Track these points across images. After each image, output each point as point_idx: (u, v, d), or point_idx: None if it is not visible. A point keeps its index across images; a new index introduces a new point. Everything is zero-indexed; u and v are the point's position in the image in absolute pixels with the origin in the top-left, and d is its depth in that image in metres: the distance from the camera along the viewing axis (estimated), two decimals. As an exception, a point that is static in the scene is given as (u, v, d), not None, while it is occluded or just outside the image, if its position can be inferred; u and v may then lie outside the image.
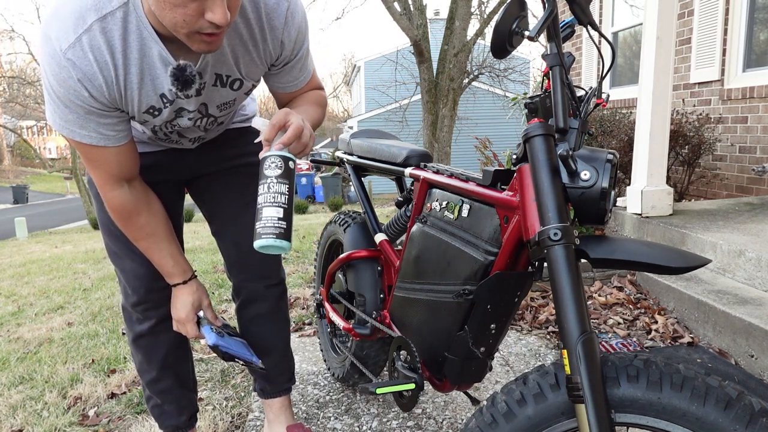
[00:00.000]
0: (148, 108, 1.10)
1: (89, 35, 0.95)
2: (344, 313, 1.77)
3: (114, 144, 1.10)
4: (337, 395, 1.93)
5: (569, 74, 1.00)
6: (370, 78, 20.12)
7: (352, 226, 1.78)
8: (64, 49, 0.95)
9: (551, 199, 0.92)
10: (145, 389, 1.51)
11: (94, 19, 0.95)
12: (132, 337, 1.46)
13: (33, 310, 3.48)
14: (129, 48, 1.00)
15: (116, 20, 0.97)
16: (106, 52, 0.97)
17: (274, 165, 1.01)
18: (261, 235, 1.00)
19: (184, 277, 1.30)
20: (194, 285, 1.32)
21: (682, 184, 4.02)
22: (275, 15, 1.09)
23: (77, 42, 0.95)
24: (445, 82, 8.88)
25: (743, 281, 2.35)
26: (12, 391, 2.18)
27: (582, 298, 0.87)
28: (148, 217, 1.23)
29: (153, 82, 1.05)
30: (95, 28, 0.95)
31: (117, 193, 1.17)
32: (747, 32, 4.03)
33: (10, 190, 25.21)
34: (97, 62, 0.98)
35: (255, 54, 1.13)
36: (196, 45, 0.96)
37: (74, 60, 0.96)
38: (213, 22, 0.90)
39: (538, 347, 2.26)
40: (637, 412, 0.84)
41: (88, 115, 1.03)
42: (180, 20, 0.90)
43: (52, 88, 1.00)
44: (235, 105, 1.26)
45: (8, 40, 24.04)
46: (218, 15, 0.89)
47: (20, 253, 7.40)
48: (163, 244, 1.26)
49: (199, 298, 1.32)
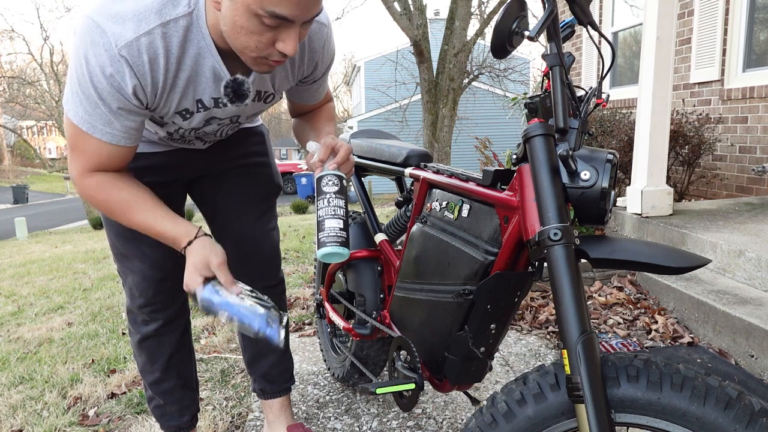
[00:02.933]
0: (182, 110, 1.11)
1: (149, 38, 0.97)
2: (344, 313, 1.77)
3: (128, 144, 1.09)
4: (337, 395, 1.93)
5: (569, 74, 1.00)
6: (370, 78, 20.12)
7: (352, 226, 1.78)
8: (120, 45, 0.95)
9: (551, 199, 0.92)
10: (147, 389, 1.51)
11: (156, 24, 0.96)
12: (137, 339, 1.44)
13: (33, 310, 3.48)
14: (185, 55, 1.02)
15: (179, 28, 0.99)
16: (161, 56, 0.99)
17: (331, 183, 1.12)
18: (325, 243, 1.08)
19: (188, 237, 1.12)
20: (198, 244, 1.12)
21: (682, 184, 4.02)
22: (316, 38, 1.15)
23: (135, 41, 0.96)
24: (445, 82, 8.88)
25: (743, 281, 2.35)
26: (12, 391, 2.18)
27: (582, 298, 0.87)
28: (129, 189, 1.13)
29: (195, 89, 1.08)
30: (156, 32, 0.97)
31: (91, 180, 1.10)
32: (747, 32, 4.03)
33: (10, 190, 25.21)
34: (150, 63, 0.99)
35: (290, 71, 1.19)
36: (257, 67, 0.99)
37: (128, 58, 0.96)
38: (283, 52, 0.93)
39: (538, 347, 2.26)
40: (637, 412, 0.84)
41: (121, 110, 1.02)
42: (252, 46, 0.93)
43: (91, 80, 0.97)
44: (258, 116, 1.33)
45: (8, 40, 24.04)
46: (290, 47, 0.93)
47: (20, 253, 7.40)
48: (156, 211, 1.13)
49: (204, 258, 1.09)
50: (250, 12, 0.88)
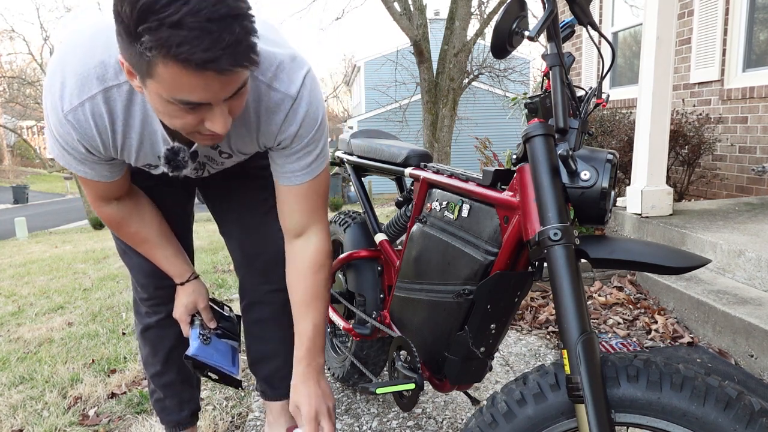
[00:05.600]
0: (144, 164, 1.13)
1: (92, 103, 0.97)
2: (344, 313, 1.77)
3: (108, 180, 1.13)
4: (337, 395, 1.93)
5: (569, 74, 1.00)
6: (370, 78, 20.11)
7: (352, 226, 1.78)
8: (66, 110, 0.97)
9: (551, 199, 0.92)
10: (149, 382, 1.54)
11: (98, 90, 0.96)
12: (140, 329, 1.47)
13: (33, 310, 3.48)
14: (132, 117, 1.01)
15: (122, 92, 0.98)
16: (106, 119, 0.99)
17: None
18: None
19: (181, 279, 1.33)
20: (191, 287, 1.34)
21: (682, 184, 4.02)
22: (275, 112, 1.06)
23: (80, 107, 0.97)
24: (445, 82, 8.88)
25: (743, 281, 2.35)
26: (12, 391, 2.18)
27: (582, 298, 0.87)
28: (138, 227, 1.26)
29: (152, 147, 1.07)
30: (99, 97, 0.97)
31: (106, 208, 1.21)
32: (747, 32, 4.03)
33: (10, 190, 25.19)
34: (96, 127, 0.99)
35: (248, 137, 1.11)
36: (199, 141, 0.97)
37: (74, 123, 0.98)
38: (213, 131, 0.89)
39: (538, 347, 2.26)
40: (637, 412, 0.85)
41: (85, 161, 1.06)
42: (180, 127, 0.90)
43: (53, 133, 1.01)
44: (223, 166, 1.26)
45: (8, 40, 24.05)
46: (218, 126, 0.88)
47: (20, 253, 7.40)
48: (157, 249, 1.29)
49: (194, 300, 1.34)
50: (163, 100, 0.84)
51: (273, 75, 1.03)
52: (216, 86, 0.82)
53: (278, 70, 1.03)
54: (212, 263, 4.32)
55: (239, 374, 1.39)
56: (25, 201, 24.50)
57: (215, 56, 0.76)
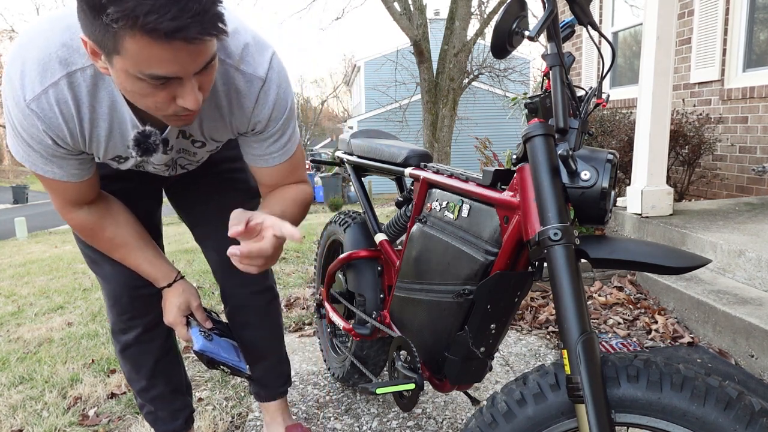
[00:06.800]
0: (114, 156, 1.09)
1: (56, 89, 0.93)
2: (344, 313, 1.77)
3: (77, 180, 1.08)
4: (337, 395, 1.93)
5: (569, 74, 1.00)
6: (370, 78, 20.12)
7: (352, 226, 1.78)
8: (29, 99, 0.93)
9: (551, 199, 0.92)
10: (136, 397, 1.48)
11: (61, 74, 0.93)
12: (119, 349, 1.41)
13: (33, 310, 3.48)
14: (98, 103, 0.97)
15: (86, 77, 0.94)
16: (72, 106, 0.96)
17: None
18: None
19: (167, 280, 1.26)
20: (180, 287, 1.26)
21: (682, 184, 4.02)
22: (246, 95, 1.06)
23: (43, 94, 0.93)
24: (445, 82, 8.88)
25: (743, 281, 2.35)
26: (12, 391, 2.18)
27: (582, 298, 0.87)
28: (114, 230, 1.19)
29: (122, 136, 1.03)
30: (62, 82, 0.93)
31: (76, 214, 1.15)
32: (747, 32, 4.03)
33: (10, 190, 25.17)
34: (62, 115, 0.96)
35: (220, 122, 1.10)
36: (172, 122, 0.95)
37: (38, 112, 0.94)
38: (185, 107, 0.88)
39: (538, 347, 2.26)
40: (637, 412, 0.84)
41: (52, 157, 1.02)
42: (152, 106, 0.88)
43: (16, 129, 0.97)
44: (196, 157, 1.24)
45: (8, 40, 24.01)
46: (189, 101, 0.87)
47: (20, 253, 7.40)
48: (137, 252, 1.22)
49: (186, 300, 1.26)
50: (132, 77, 0.82)
51: (240, 58, 1.02)
52: (185, 57, 0.81)
53: (244, 52, 1.03)
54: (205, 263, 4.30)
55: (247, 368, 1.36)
56: (25, 201, 24.49)
57: (183, 24, 0.75)
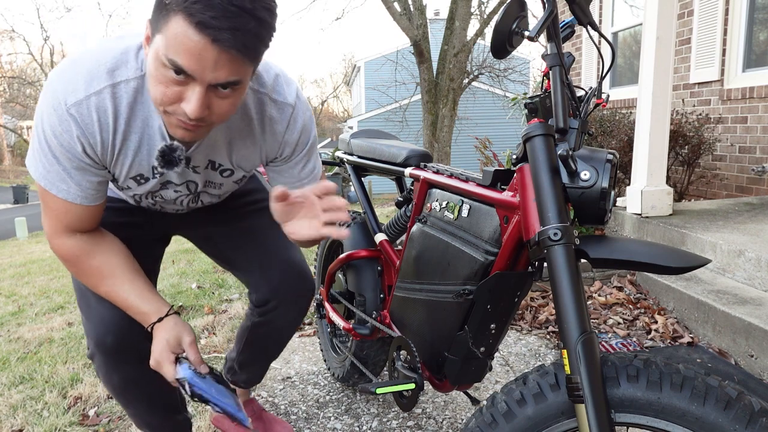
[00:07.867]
0: (136, 175, 1.10)
1: (98, 97, 0.98)
2: (344, 313, 1.77)
3: (88, 203, 1.08)
4: (337, 395, 1.94)
5: (569, 74, 1.00)
6: (370, 78, 20.13)
7: (352, 226, 1.78)
8: (69, 104, 0.97)
9: (551, 199, 0.92)
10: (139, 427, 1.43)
11: (106, 84, 0.98)
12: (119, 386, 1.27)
13: (33, 310, 3.48)
14: (134, 116, 1.02)
15: (129, 89, 0.99)
16: (110, 116, 1.00)
17: None
18: None
19: (159, 314, 1.13)
20: (171, 322, 1.13)
21: (682, 184, 4.02)
22: (278, 120, 1.13)
23: (85, 100, 0.97)
24: (445, 82, 8.88)
25: (743, 281, 2.35)
26: (12, 391, 2.18)
27: (582, 298, 0.87)
28: (102, 259, 1.12)
29: (149, 153, 1.07)
30: (106, 92, 0.98)
31: (67, 240, 1.10)
32: (747, 32, 4.03)
33: (10, 190, 25.15)
34: (99, 122, 0.99)
35: (252, 149, 1.15)
36: (172, 127, 0.96)
37: (77, 116, 0.97)
38: (185, 111, 0.90)
39: (538, 347, 2.26)
40: (637, 412, 0.85)
41: (75, 169, 1.03)
42: (159, 97, 0.91)
43: (45, 138, 1.00)
44: (221, 189, 1.25)
45: (8, 40, 24.04)
46: (190, 106, 0.89)
47: (20, 253, 7.40)
48: (125, 285, 1.12)
49: (177, 335, 1.12)
50: (159, 60, 0.87)
51: (272, 87, 1.11)
52: (208, 59, 0.84)
53: (275, 82, 1.11)
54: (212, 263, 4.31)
55: (249, 420, 1.16)
56: (26, 201, 24.48)
57: (220, 25, 0.81)
